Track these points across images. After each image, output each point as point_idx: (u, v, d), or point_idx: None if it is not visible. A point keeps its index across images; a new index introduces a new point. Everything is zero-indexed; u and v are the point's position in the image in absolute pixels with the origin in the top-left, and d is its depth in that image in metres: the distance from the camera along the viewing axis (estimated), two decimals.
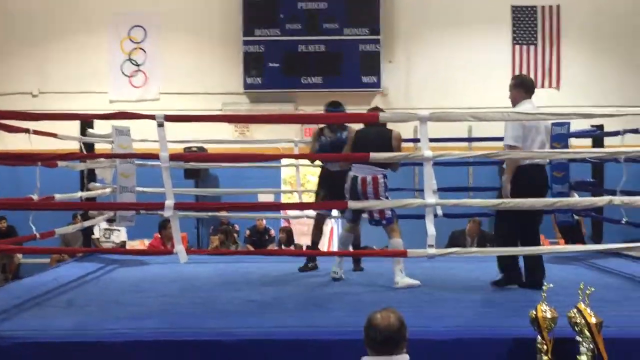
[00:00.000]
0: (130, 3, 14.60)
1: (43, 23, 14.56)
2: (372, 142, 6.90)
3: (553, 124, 8.99)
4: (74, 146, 9.06)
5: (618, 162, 7.64)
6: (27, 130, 7.04)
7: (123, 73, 14.64)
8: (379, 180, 6.89)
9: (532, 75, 14.25)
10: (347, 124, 7.78)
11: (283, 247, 13.12)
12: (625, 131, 8.34)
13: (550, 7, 14.37)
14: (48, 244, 9.44)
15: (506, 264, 6.57)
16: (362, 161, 6.79)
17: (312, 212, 9.59)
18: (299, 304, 5.99)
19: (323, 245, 15.22)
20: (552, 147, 8.83)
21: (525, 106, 6.53)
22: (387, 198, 6.97)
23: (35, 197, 6.90)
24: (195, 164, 10.98)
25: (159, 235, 11.44)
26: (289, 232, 13.19)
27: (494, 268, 7.69)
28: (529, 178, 6.41)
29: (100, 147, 9.54)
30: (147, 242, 12.31)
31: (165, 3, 14.56)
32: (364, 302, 5.93)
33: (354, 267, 7.83)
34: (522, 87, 6.67)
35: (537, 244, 6.70)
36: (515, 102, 6.67)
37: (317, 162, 8.41)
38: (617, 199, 6.34)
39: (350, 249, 7.60)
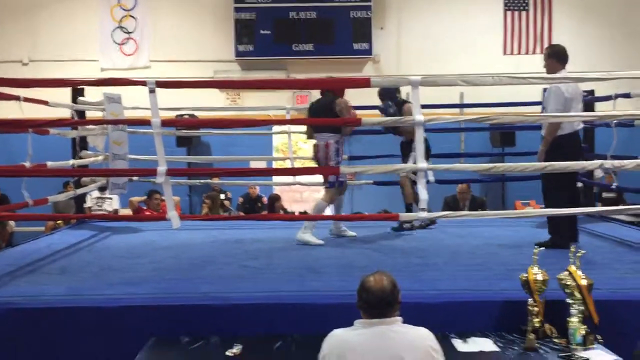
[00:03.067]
0: None
1: None
2: (316, 111, 7.43)
3: (545, 89, 9.00)
4: (65, 114, 9.03)
5: (609, 127, 7.65)
6: (17, 98, 7.01)
7: (114, 41, 14.55)
8: (331, 146, 7.25)
9: (523, 41, 14.28)
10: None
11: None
12: (617, 95, 8.35)
13: None
14: (41, 211, 9.43)
15: (555, 227, 6.69)
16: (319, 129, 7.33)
17: (303, 179, 9.65)
18: (292, 269, 6.02)
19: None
20: (543, 112, 8.87)
21: (561, 75, 6.56)
22: (338, 162, 7.29)
23: (27, 164, 6.89)
24: (187, 131, 10.95)
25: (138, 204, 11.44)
26: (273, 199, 13.18)
27: (485, 232, 7.77)
28: (568, 144, 6.55)
29: (91, 114, 9.51)
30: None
31: None
32: (356, 266, 5.97)
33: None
34: (555, 57, 6.70)
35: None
36: (551, 72, 6.70)
37: None
38: (608, 163, 6.35)
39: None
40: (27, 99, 7.20)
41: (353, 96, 7.86)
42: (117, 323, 4.74)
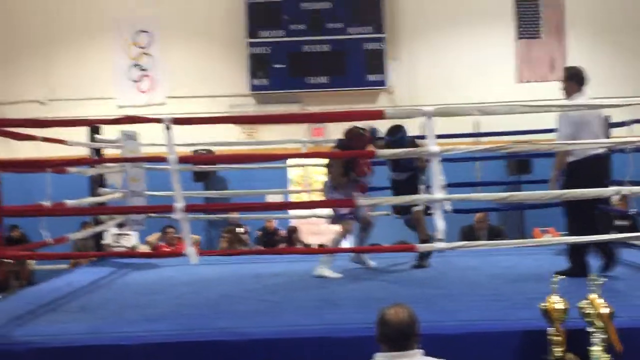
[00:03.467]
0: (134, 8, 14.65)
1: (49, 31, 14.63)
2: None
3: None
4: (83, 152, 9.10)
5: (624, 153, 7.63)
6: (35, 138, 7.08)
7: (130, 78, 14.70)
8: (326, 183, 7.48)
9: (536, 69, 14.29)
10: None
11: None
12: (632, 122, 8.33)
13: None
14: (61, 249, 9.48)
15: (575, 256, 6.58)
16: None
17: (320, 212, 9.65)
18: (311, 302, 6.01)
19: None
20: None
21: (580, 100, 6.54)
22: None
23: (46, 203, 6.94)
24: (203, 167, 11.01)
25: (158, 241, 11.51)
26: (291, 231, 13.18)
27: (503, 261, 7.73)
28: (587, 170, 6.42)
29: (109, 152, 9.58)
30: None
31: (170, 7, 14.61)
32: (374, 298, 5.94)
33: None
34: (575, 80, 6.64)
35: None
36: (568, 95, 6.66)
37: None
38: (625, 189, 6.33)
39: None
40: (45, 139, 7.27)
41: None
42: None
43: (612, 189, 6.28)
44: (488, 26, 14.47)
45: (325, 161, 7.69)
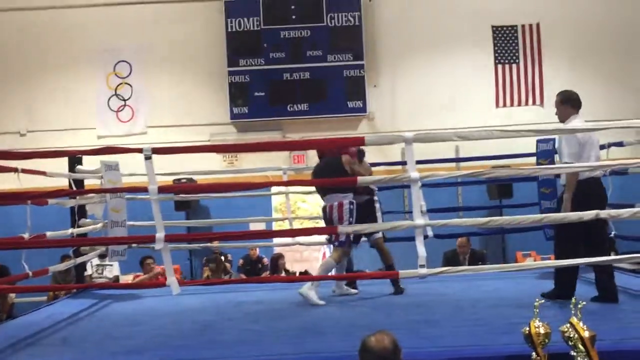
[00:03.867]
0: (114, 38, 14.64)
1: (29, 61, 14.58)
2: (322, 172, 7.55)
3: (538, 141, 9.09)
4: (63, 183, 9.08)
5: (604, 176, 7.68)
6: (15, 170, 7.06)
7: (110, 108, 14.66)
8: (344, 205, 7.26)
9: (515, 93, 14.41)
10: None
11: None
12: (610, 144, 8.42)
13: (530, 25, 14.49)
14: (40, 281, 9.42)
15: (562, 278, 6.60)
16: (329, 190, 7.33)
17: (303, 240, 9.66)
18: (294, 331, 5.99)
19: (315, 270, 15.29)
20: (538, 163, 8.94)
21: (574, 123, 6.60)
22: (350, 222, 7.27)
23: (26, 235, 6.91)
24: (185, 196, 10.99)
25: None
26: (276, 258, 13.15)
27: (485, 285, 7.75)
28: (588, 191, 6.44)
29: (89, 182, 9.55)
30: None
31: (149, 37, 14.62)
32: (357, 325, 5.94)
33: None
34: (569, 103, 6.74)
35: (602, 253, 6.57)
36: (563, 118, 6.74)
37: None
38: (604, 213, 6.37)
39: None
40: (25, 170, 7.25)
41: None
42: None
43: (591, 212, 6.28)
44: (466, 52, 14.57)
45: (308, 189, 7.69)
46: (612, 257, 7.57)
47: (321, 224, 8.12)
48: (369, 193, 7.79)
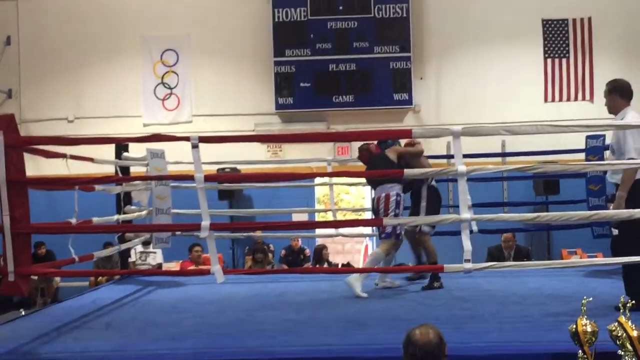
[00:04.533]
0: (161, 27, 14.75)
1: (76, 49, 14.75)
2: (377, 163, 7.57)
3: (588, 137, 8.93)
4: (109, 170, 9.15)
5: None
6: (64, 155, 7.12)
7: (156, 96, 14.77)
8: (391, 198, 7.25)
9: (564, 88, 14.21)
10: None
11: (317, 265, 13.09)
12: None
13: (582, 19, 14.28)
14: (85, 266, 9.53)
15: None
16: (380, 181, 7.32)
17: (345, 231, 9.63)
18: (336, 322, 5.98)
19: (358, 263, 15.29)
20: (587, 159, 8.79)
21: (630, 115, 6.16)
22: (396, 214, 7.28)
23: (73, 221, 6.98)
24: (229, 185, 11.02)
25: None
26: (320, 249, 13.15)
27: (530, 282, 7.66)
28: None
29: (135, 170, 9.62)
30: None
31: (196, 26, 14.69)
32: (401, 318, 5.91)
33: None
34: (618, 92, 6.26)
35: None
36: (614, 109, 6.28)
37: None
38: None
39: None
40: (73, 157, 7.31)
41: None
42: None
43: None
44: (515, 45, 14.41)
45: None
46: None
47: (364, 216, 8.11)
48: (410, 186, 7.74)
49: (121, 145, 9.01)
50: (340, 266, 13.34)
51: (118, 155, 8.95)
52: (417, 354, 3.59)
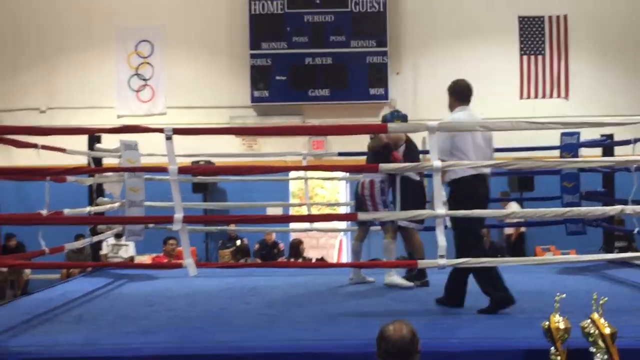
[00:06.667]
0: (137, 18, 14.64)
1: (50, 39, 14.62)
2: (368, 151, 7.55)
3: (563, 134, 8.98)
4: (82, 161, 9.06)
5: (629, 172, 7.57)
6: (35, 146, 7.03)
7: (130, 88, 14.67)
8: (375, 184, 7.22)
9: (540, 85, 14.27)
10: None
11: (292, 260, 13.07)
12: (636, 140, 8.28)
13: (558, 17, 14.36)
14: (55, 259, 9.43)
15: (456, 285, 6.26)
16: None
17: (320, 225, 9.60)
18: (309, 317, 5.95)
19: (332, 258, 15.30)
20: (562, 156, 8.83)
21: (457, 114, 6.40)
22: (383, 202, 7.29)
23: (44, 212, 6.89)
24: (203, 178, 10.95)
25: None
26: (295, 245, 13.13)
27: (505, 278, 7.67)
28: (470, 189, 6.18)
29: (108, 161, 9.53)
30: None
31: (172, 17, 14.60)
32: (375, 314, 5.89)
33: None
34: (454, 94, 6.52)
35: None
36: (450, 108, 6.53)
37: None
38: (629, 208, 6.27)
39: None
40: (44, 147, 7.22)
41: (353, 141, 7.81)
42: None
43: (617, 207, 6.16)
44: (491, 41, 14.47)
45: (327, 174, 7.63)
46: (635, 254, 7.50)
47: (339, 210, 8.08)
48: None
49: (94, 136, 8.91)
50: (314, 261, 13.33)
51: (91, 146, 8.86)
52: (390, 349, 3.58)
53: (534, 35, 14.38)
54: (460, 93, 6.53)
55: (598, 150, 9.57)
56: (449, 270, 6.23)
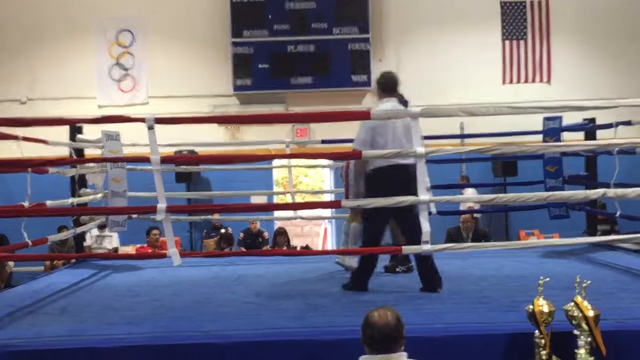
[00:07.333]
0: (117, 7, 14.54)
1: (30, 29, 14.50)
2: None
3: (545, 119, 9.01)
4: (64, 152, 9.01)
5: (611, 155, 7.61)
6: (16, 137, 6.99)
7: (111, 78, 14.58)
8: (350, 166, 7.18)
9: (522, 70, 14.31)
10: None
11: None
12: (618, 123, 8.31)
13: (539, 1, 14.38)
14: (39, 251, 9.38)
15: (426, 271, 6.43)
16: None
17: (304, 213, 9.60)
18: (294, 305, 5.95)
19: (317, 246, 15.31)
20: (544, 141, 8.86)
21: (383, 105, 6.50)
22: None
23: (26, 204, 6.85)
24: (186, 167, 10.93)
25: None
26: (283, 233, 13.12)
27: (488, 263, 7.71)
28: (384, 178, 6.33)
29: (90, 152, 9.48)
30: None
31: (153, 7, 14.51)
32: (360, 301, 5.90)
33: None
34: (380, 86, 6.67)
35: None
36: (378, 99, 6.67)
37: None
38: (611, 192, 6.31)
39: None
40: (26, 138, 7.18)
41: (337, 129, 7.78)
42: None
43: (599, 191, 6.20)
44: (474, 27, 14.47)
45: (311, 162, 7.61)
46: (617, 237, 7.55)
47: (323, 198, 8.08)
48: None
49: (75, 127, 8.86)
50: (299, 249, 13.33)
51: (72, 137, 8.81)
52: (375, 335, 3.60)
53: (516, 21, 14.40)
54: (386, 85, 6.68)
55: (580, 135, 9.61)
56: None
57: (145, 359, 4.68)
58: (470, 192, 12.26)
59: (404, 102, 6.61)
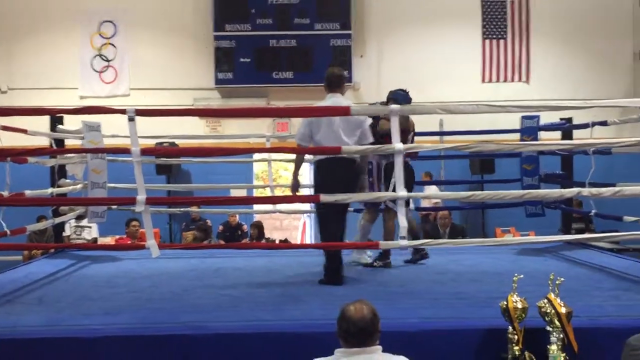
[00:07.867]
0: None
1: (11, 18, 14.42)
2: None
3: (523, 117, 9.10)
4: (44, 142, 8.99)
5: (587, 155, 7.70)
6: None
7: (93, 69, 14.53)
8: (381, 166, 7.35)
9: (501, 69, 14.39)
10: None
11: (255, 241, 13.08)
12: (594, 123, 8.40)
13: (520, 1, 14.46)
14: (17, 240, 9.35)
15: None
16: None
17: (283, 207, 9.63)
18: (272, 298, 5.98)
19: (296, 240, 15.34)
20: (522, 139, 8.95)
21: (326, 102, 6.73)
22: (371, 183, 7.37)
23: (5, 193, 6.84)
24: (167, 160, 10.93)
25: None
26: (259, 227, 13.14)
27: (464, 259, 7.78)
28: (327, 171, 6.56)
29: (70, 142, 9.46)
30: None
31: None
32: (336, 294, 5.94)
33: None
34: (326, 82, 6.86)
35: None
36: (325, 94, 6.85)
37: None
38: (586, 191, 6.39)
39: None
40: (5, 127, 7.16)
41: None
42: (95, 354, 4.68)
43: (574, 190, 6.29)
44: (455, 25, 14.54)
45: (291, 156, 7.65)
46: (591, 235, 7.64)
47: (302, 192, 8.10)
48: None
49: (56, 117, 8.84)
50: (277, 242, 13.36)
51: (53, 127, 8.79)
52: (351, 329, 3.63)
53: (496, 20, 14.48)
54: (330, 81, 6.85)
55: (557, 134, 9.70)
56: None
57: (123, 350, 4.68)
58: (433, 190, 12.29)
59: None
